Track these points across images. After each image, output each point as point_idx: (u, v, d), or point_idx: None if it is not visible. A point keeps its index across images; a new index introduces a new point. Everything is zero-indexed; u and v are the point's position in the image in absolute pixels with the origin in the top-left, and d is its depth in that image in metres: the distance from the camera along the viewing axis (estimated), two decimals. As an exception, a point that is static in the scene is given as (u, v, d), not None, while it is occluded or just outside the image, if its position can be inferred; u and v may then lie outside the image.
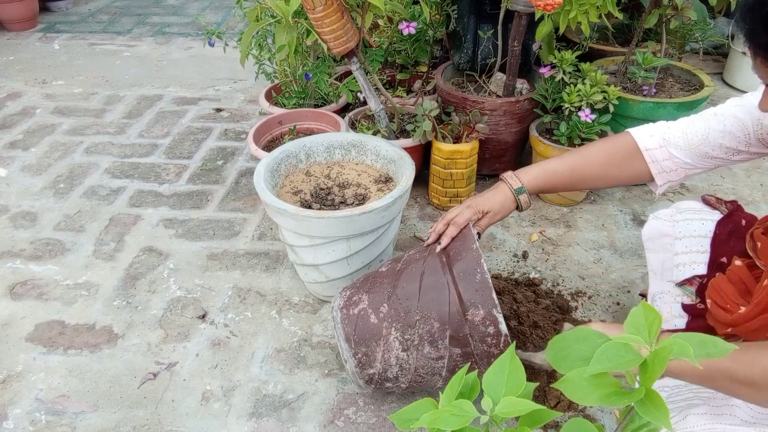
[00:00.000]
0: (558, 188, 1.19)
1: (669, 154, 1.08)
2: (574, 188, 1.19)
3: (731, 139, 1.03)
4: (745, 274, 1.03)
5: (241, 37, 1.66)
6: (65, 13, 3.96)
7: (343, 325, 1.15)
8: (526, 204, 1.16)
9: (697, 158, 1.07)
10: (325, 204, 1.45)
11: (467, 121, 1.78)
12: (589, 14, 1.57)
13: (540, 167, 1.16)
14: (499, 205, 1.15)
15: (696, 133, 1.06)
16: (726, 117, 1.03)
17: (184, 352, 1.42)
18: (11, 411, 1.28)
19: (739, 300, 0.99)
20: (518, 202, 1.15)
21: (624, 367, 0.51)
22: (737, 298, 1.00)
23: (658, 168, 1.10)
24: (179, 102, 2.68)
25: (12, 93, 2.79)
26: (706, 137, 1.05)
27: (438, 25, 1.99)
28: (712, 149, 1.05)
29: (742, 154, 1.05)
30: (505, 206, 1.15)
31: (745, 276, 1.03)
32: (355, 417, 1.25)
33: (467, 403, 0.56)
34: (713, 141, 1.04)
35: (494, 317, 1.05)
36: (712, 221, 1.17)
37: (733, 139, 1.03)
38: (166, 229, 1.84)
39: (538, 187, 1.16)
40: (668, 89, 1.94)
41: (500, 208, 1.15)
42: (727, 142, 1.03)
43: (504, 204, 1.15)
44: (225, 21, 3.77)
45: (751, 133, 1.01)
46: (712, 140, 1.04)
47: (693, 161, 1.07)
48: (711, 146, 1.05)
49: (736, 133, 1.02)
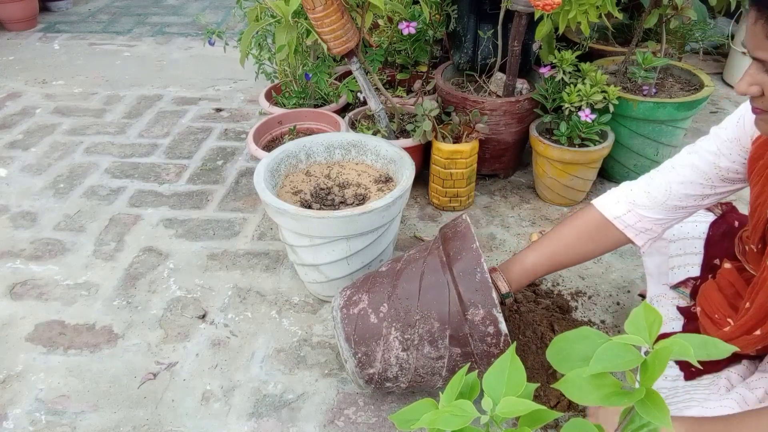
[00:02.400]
0: (540, 277, 1.20)
1: (639, 216, 1.06)
2: (557, 271, 1.28)
3: (695, 188, 1.01)
4: (735, 277, 1.03)
5: (241, 37, 1.66)
6: (65, 13, 3.96)
7: (343, 324, 1.15)
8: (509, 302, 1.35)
9: (668, 212, 1.04)
10: (325, 204, 1.45)
11: (467, 121, 1.78)
12: (589, 14, 1.57)
13: (520, 265, 1.15)
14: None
15: (658, 189, 1.03)
16: (684, 167, 1.01)
17: (184, 352, 1.42)
18: (11, 411, 1.28)
19: (727, 311, 1.00)
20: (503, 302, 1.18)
21: (624, 367, 0.51)
22: (725, 308, 1.00)
23: (634, 231, 1.07)
24: (179, 102, 2.68)
25: (12, 93, 2.79)
26: (668, 192, 1.02)
27: (438, 25, 1.99)
28: (679, 200, 1.02)
29: (711, 197, 1.02)
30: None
31: (734, 279, 1.03)
32: (355, 417, 1.25)
33: (467, 403, 0.56)
34: (677, 193, 1.02)
35: (494, 317, 1.05)
36: (705, 223, 1.18)
37: (697, 187, 1.01)
38: (166, 229, 1.84)
39: (521, 286, 1.17)
40: (668, 89, 1.94)
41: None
42: (691, 190, 1.01)
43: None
44: (225, 21, 3.77)
45: (712, 177, 0.99)
46: (676, 193, 1.02)
47: (665, 216, 1.05)
48: (677, 198, 1.02)
49: (697, 181, 1.00)
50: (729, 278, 1.04)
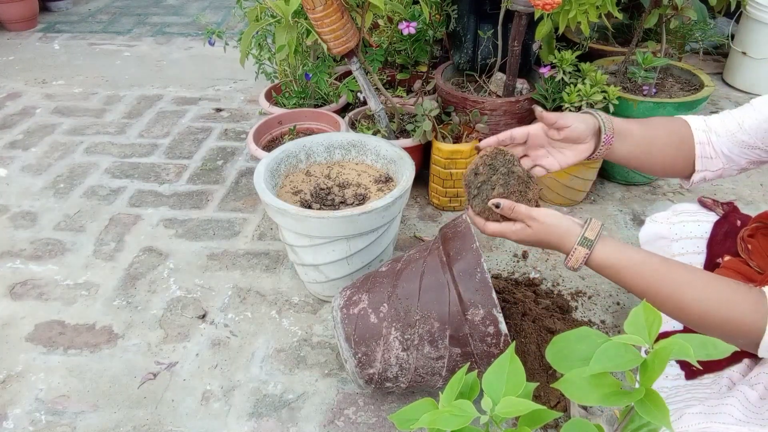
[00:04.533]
0: (628, 144, 1.04)
1: (710, 139, 1.03)
2: (638, 157, 1.05)
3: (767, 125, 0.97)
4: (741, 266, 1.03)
5: (241, 37, 1.66)
6: (65, 13, 3.96)
7: (343, 324, 1.15)
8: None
9: (735, 147, 1.01)
10: (325, 204, 1.45)
11: (467, 121, 1.78)
12: (589, 14, 1.57)
13: (620, 122, 1.03)
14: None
15: (732, 120, 1.01)
16: (764, 104, 0.98)
17: (184, 352, 1.42)
18: (11, 411, 1.28)
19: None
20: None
21: (624, 367, 0.51)
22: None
23: (700, 149, 1.03)
24: (179, 102, 2.68)
25: (12, 93, 2.79)
26: (741, 124, 0.99)
27: (438, 25, 1.99)
28: (749, 137, 0.99)
29: None
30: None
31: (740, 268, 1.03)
32: (355, 417, 1.25)
33: (467, 403, 0.56)
34: (749, 127, 0.99)
35: (494, 317, 1.05)
36: (708, 222, 1.18)
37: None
38: (166, 229, 1.84)
39: (619, 133, 1.02)
40: (668, 89, 1.94)
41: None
42: (764, 126, 0.97)
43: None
44: (225, 21, 3.77)
45: None
46: (748, 127, 0.99)
47: (730, 151, 1.01)
48: (747, 133, 0.99)
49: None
50: (734, 267, 1.04)
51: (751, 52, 2.60)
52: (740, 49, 2.64)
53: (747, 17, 2.58)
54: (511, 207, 0.91)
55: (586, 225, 0.89)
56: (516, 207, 0.91)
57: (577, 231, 0.88)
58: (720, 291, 0.81)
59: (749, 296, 0.80)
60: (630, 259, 0.86)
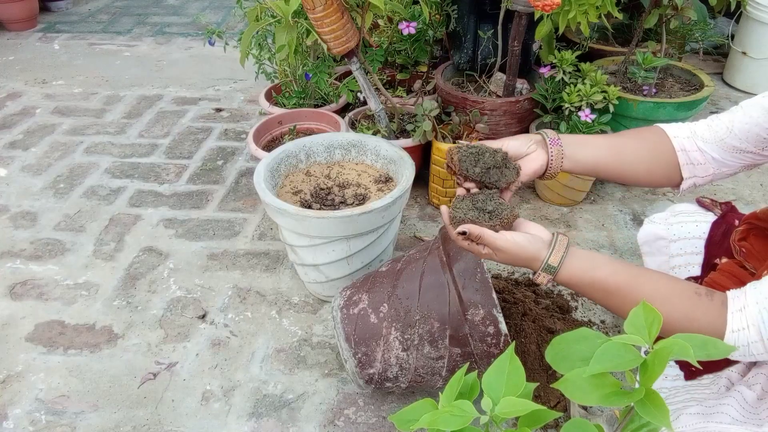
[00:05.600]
0: (590, 148, 1.05)
1: (697, 146, 1.01)
2: (608, 168, 1.06)
3: (759, 130, 0.96)
4: (736, 269, 1.03)
5: (241, 37, 1.66)
6: (65, 13, 3.96)
7: (343, 324, 1.15)
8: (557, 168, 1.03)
9: (726, 153, 0.99)
10: (325, 204, 1.45)
11: (467, 121, 1.78)
12: (589, 14, 1.57)
13: (582, 139, 1.04)
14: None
15: (720, 125, 0.99)
16: (753, 107, 0.97)
17: (184, 352, 1.42)
18: (11, 411, 1.28)
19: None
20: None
21: (624, 367, 0.51)
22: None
23: (685, 158, 1.01)
24: (179, 102, 2.68)
25: (12, 93, 2.79)
26: (731, 129, 0.98)
27: (438, 25, 1.99)
28: (740, 141, 0.97)
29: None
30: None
31: (736, 271, 1.03)
32: (355, 417, 1.25)
33: (467, 404, 0.56)
34: (738, 132, 0.97)
35: (494, 317, 1.05)
36: (706, 223, 1.18)
37: (762, 130, 0.95)
38: (166, 229, 1.84)
39: (571, 158, 1.03)
40: (668, 89, 1.94)
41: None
42: (755, 131, 0.96)
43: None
44: (225, 21, 3.77)
45: None
46: (738, 131, 0.97)
47: (721, 156, 1.00)
48: (738, 138, 0.97)
49: (763, 124, 0.95)
50: (730, 270, 1.04)
51: (751, 52, 2.60)
52: (740, 49, 2.64)
53: (747, 17, 2.58)
54: (478, 235, 0.90)
55: (551, 249, 0.89)
56: (483, 235, 0.90)
57: (542, 256, 0.89)
58: (680, 307, 0.83)
59: (711, 308, 0.81)
60: (592, 278, 0.88)
